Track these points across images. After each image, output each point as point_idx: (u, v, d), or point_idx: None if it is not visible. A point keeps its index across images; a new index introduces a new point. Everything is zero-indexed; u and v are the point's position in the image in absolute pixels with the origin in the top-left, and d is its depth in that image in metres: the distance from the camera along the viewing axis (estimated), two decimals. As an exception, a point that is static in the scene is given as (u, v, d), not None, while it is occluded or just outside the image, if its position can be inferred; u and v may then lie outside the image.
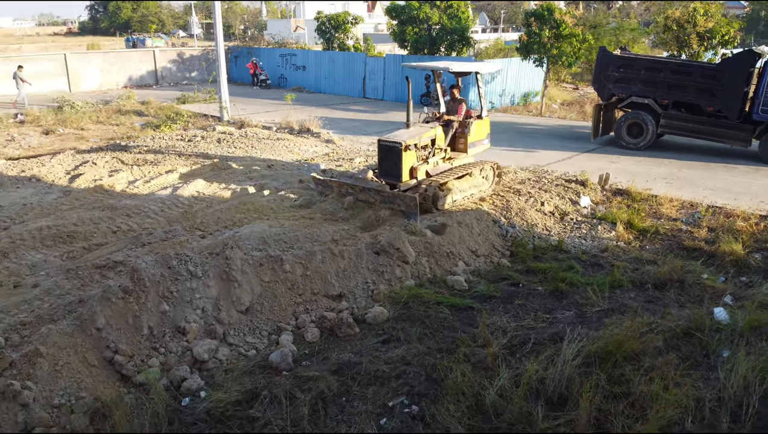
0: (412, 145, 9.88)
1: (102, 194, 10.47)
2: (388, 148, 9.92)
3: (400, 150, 9.69)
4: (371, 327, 6.89)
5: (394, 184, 9.99)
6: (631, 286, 8.07)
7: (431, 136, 10.38)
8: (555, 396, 5.45)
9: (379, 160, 10.29)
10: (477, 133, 11.12)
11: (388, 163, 10.03)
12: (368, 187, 9.93)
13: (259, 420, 5.09)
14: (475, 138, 11.11)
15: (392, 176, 10.01)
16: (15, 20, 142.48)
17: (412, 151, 9.94)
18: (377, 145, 10.19)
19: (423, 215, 9.59)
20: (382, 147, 10.02)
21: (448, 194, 10.16)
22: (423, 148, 10.29)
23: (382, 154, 10.07)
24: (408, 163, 9.90)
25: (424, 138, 10.21)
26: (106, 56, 31.26)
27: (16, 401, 5.05)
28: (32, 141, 16.99)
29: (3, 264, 7.63)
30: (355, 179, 10.52)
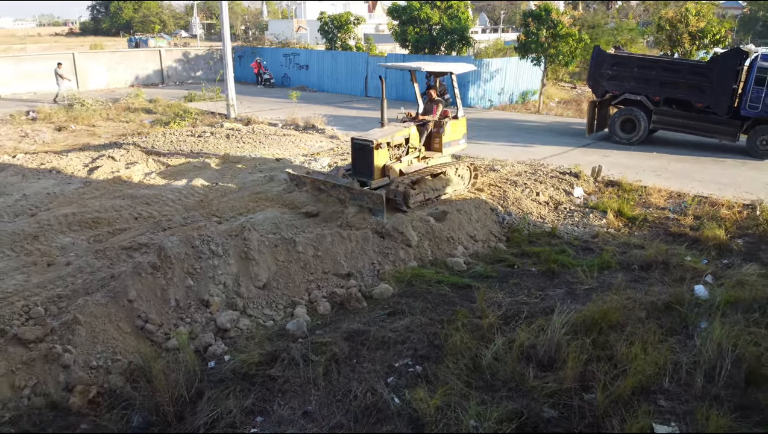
0: (384, 144, 9.90)
1: (120, 185, 11.08)
2: (360, 146, 9.95)
3: (371, 148, 9.70)
4: (378, 302, 7.48)
5: (366, 182, 9.94)
6: (619, 268, 8.65)
7: (405, 135, 10.41)
8: (545, 359, 6.02)
9: (352, 158, 10.34)
10: (452, 133, 11.14)
11: (360, 161, 10.05)
12: (338, 184, 9.89)
13: (279, 378, 5.67)
14: (450, 138, 11.12)
15: (364, 174, 10.00)
16: (15, 20, 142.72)
17: (384, 150, 9.95)
18: (350, 143, 10.26)
19: (395, 213, 9.58)
20: (355, 145, 10.08)
21: (420, 193, 10.21)
22: (396, 146, 10.32)
23: (355, 152, 10.12)
24: (380, 161, 9.91)
25: (397, 137, 10.23)
26: (113, 56, 31.87)
27: (58, 362, 5.65)
28: (46, 137, 17.58)
29: (34, 245, 8.23)
30: (326, 175, 10.51)
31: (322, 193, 10.21)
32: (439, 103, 11.20)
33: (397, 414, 5.15)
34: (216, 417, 5.07)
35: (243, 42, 51.28)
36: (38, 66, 28.00)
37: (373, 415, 5.16)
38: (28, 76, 27.50)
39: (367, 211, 9.49)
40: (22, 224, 8.95)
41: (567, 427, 5.10)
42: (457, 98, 11.36)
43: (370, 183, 9.84)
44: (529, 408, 5.22)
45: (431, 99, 11.28)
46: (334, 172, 10.70)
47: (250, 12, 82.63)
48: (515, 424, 5.01)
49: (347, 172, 10.45)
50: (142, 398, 5.25)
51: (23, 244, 8.25)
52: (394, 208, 9.77)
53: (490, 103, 25.22)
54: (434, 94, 11.33)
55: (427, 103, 11.42)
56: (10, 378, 5.47)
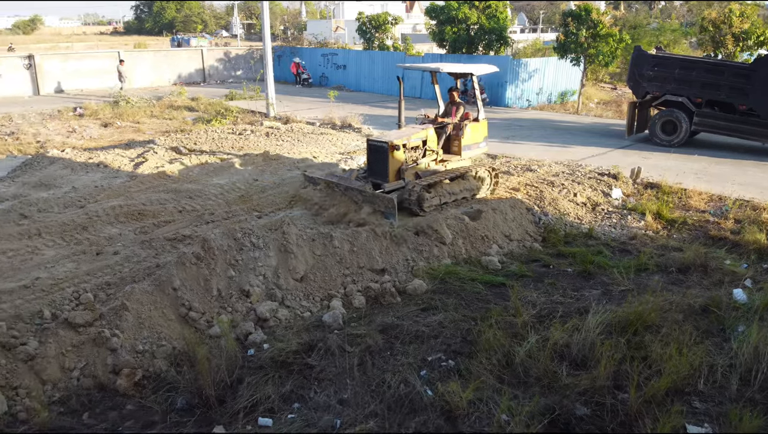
0: (400, 146, 9.76)
1: (165, 179, 11.47)
2: (375, 147, 9.84)
3: (386, 149, 9.58)
4: (411, 297, 7.60)
5: (380, 185, 9.79)
6: (656, 270, 8.57)
7: (422, 137, 10.25)
8: (578, 358, 6.05)
9: (367, 160, 10.26)
10: (472, 135, 10.91)
11: (375, 163, 9.94)
12: (351, 187, 9.79)
13: (315, 367, 5.84)
14: (470, 141, 10.87)
15: (379, 176, 9.87)
16: (61, 19, 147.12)
17: (400, 152, 9.81)
18: (366, 145, 10.16)
19: (410, 217, 9.49)
20: (370, 147, 9.97)
21: (436, 196, 10.05)
22: (413, 149, 10.19)
23: (370, 153, 10.00)
24: (395, 163, 9.78)
25: (413, 139, 10.08)
26: (156, 54, 32.76)
27: (106, 346, 5.92)
28: (93, 132, 18.22)
29: (84, 235, 8.61)
30: (340, 178, 10.31)
31: (336, 193, 10.06)
32: (461, 105, 11.00)
33: (429, 405, 5.25)
34: (255, 401, 5.26)
35: (282, 42, 52.02)
36: (84, 64, 29.03)
37: (406, 406, 5.27)
38: (74, 73, 28.51)
39: (380, 212, 9.41)
40: (71, 215, 9.36)
41: (599, 425, 5.12)
42: (478, 100, 11.18)
43: (384, 185, 9.66)
44: (561, 405, 5.26)
45: (452, 101, 11.13)
46: (348, 174, 10.54)
47: (289, 12, 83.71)
48: (547, 420, 5.06)
49: (362, 174, 10.34)
50: (185, 381, 5.48)
51: (73, 234, 8.64)
52: (409, 211, 9.64)
53: (528, 103, 25.10)
54: (456, 95, 11.15)
55: (447, 104, 11.26)
56: (60, 359, 5.77)
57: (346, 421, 5.06)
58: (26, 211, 9.57)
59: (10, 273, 7.33)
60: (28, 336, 5.89)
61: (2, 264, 7.62)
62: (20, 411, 5.27)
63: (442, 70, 10.75)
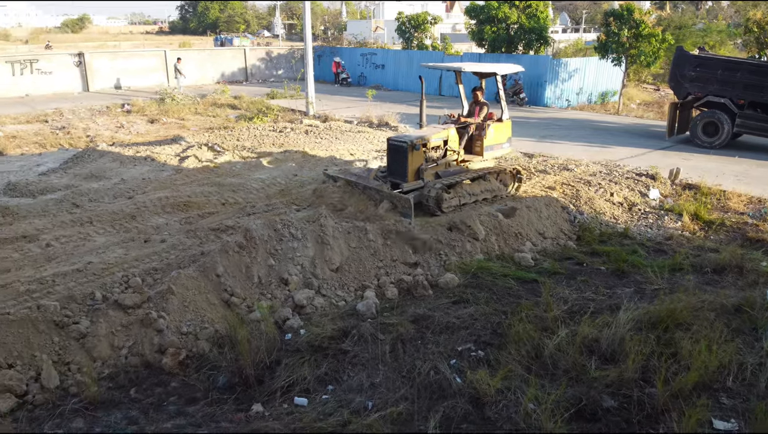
0: (419, 145, 9.66)
1: (209, 173, 11.91)
2: (395, 147, 9.76)
3: (406, 149, 9.51)
4: (443, 290, 7.77)
5: (399, 184, 9.71)
6: (691, 270, 8.53)
7: (443, 137, 10.12)
8: (608, 353, 6.13)
9: (387, 159, 10.16)
10: (496, 136, 10.72)
11: (395, 162, 9.87)
12: (369, 186, 9.75)
13: (349, 352, 6.08)
14: (493, 141, 10.69)
15: (398, 176, 9.79)
16: (109, 18, 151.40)
17: (420, 152, 9.71)
18: (386, 144, 10.08)
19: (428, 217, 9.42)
20: (390, 146, 9.88)
21: (456, 197, 9.89)
22: (433, 149, 10.07)
23: (390, 153, 9.92)
24: (414, 163, 9.68)
25: (434, 139, 9.96)
26: (201, 54, 33.62)
27: (153, 327, 6.27)
28: (140, 128, 18.92)
29: (132, 224, 9.07)
30: (358, 177, 10.28)
31: (355, 191, 9.99)
32: (485, 105, 10.87)
33: (458, 392, 5.42)
34: (292, 382, 5.53)
35: (322, 42, 52.66)
36: (132, 62, 30.01)
37: (436, 391, 5.46)
38: (122, 71, 29.49)
39: (398, 211, 9.32)
40: (120, 205, 9.84)
41: (625, 417, 5.21)
42: (502, 100, 11.02)
43: (403, 185, 9.58)
44: (588, 396, 5.37)
45: (476, 100, 10.97)
46: (366, 174, 10.47)
47: (329, 12, 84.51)
48: (573, 410, 5.18)
49: (382, 174, 10.27)
50: (226, 361, 5.79)
51: (122, 223, 9.10)
52: (428, 211, 9.53)
53: (568, 103, 24.92)
54: (480, 95, 10.96)
55: (471, 104, 11.13)
56: (110, 338, 6.14)
57: (377, 403, 5.27)
58: (78, 201, 10.10)
59: (64, 258, 7.79)
60: (80, 316, 6.28)
61: (56, 250, 8.09)
62: (71, 386, 5.64)
63: (464, 69, 10.69)
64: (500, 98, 10.96)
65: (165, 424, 5.17)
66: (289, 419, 5.00)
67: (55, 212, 9.55)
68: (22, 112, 21.20)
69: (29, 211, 9.54)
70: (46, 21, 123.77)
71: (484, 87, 11.25)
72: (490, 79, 11.67)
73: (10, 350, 5.72)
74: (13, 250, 8.04)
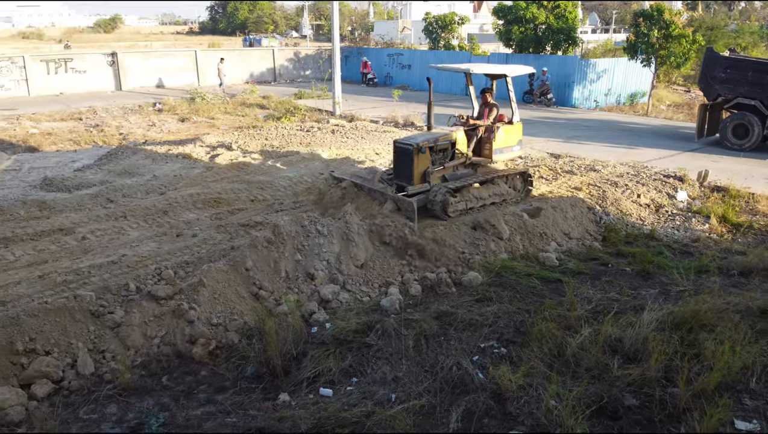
0: (426, 148, 9.46)
1: (238, 171, 12.18)
2: (401, 149, 9.58)
3: (411, 152, 9.33)
4: (466, 289, 7.85)
5: (404, 187, 9.52)
6: (717, 272, 8.47)
7: (450, 139, 9.91)
8: (631, 353, 6.14)
9: (393, 162, 9.99)
10: (505, 139, 10.41)
11: (401, 165, 9.69)
12: (373, 188, 9.62)
13: (373, 346, 6.21)
14: (502, 144, 10.39)
15: (404, 178, 9.61)
16: (140, 18, 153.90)
17: (426, 155, 9.50)
18: (393, 147, 9.90)
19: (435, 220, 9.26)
20: (396, 149, 9.70)
21: (462, 201, 9.67)
22: (440, 151, 9.84)
23: (396, 155, 9.74)
24: (420, 166, 9.48)
25: (441, 141, 9.75)
26: (230, 54, 34.10)
27: (184, 318, 6.48)
28: (171, 126, 19.33)
29: (164, 219, 9.34)
30: (363, 179, 10.07)
31: (361, 193, 9.83)
32: (494, 106, 10.58)
33: (480, 387, 5.51)
34: (317, 373, 5.68)
35: (349, 43, 52.93)
36: (163, 62, 30.62)
37: (458, 386, 5.55)
38: (154, 70, 30.10)
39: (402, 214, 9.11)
40: (153, 200, 10.12)
41: (647, 416, 5.24)
42: (513, 102, 10.73)
43: (408, 188, 9.40)
44: (610, 394, 5.40)
45: (485, 102, 10.69)
46: (371, 176, 10.26)
47: (357, 13, 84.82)
48: (594, 407, 5.23)
49: (388, 176, 10.13)
50: (255, 352, 5.96)
51: (155, 217, 9.38)
52: (433, 215, 9.35)
53: (596, 103, 24.74)
54: (489, 97, 10.68)
55: (481, 106, 10.85)
56: (143, 328, 6.36)
57: (400, 396, 5.39)
58: (112, 196, 10.41)
59: (99, 250, 8.07)
60: (115, 306, 6.52)
61: (92, 243, 8.38)
62: (106, 373, 5.87)
63: (472, 71, 10.48)
64: (511, 100, 10.72)
65: (195, 411, 5.35)
66: (314, 409, 5.14)
67: (91, 206, 9.88)
68: (56, 110, 21.82)
69: (65, 205, 9.87)
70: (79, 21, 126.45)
71: (495, 89, 11.06)
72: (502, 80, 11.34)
73: (47, 337, 5.96)
74: (50, 242, 8.35)
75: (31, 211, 9.53)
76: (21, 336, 5.82)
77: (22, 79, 26.61)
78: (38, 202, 9.88)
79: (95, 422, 5.27)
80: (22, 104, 23.59)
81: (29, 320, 5.95)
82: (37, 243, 8.29)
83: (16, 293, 6.75)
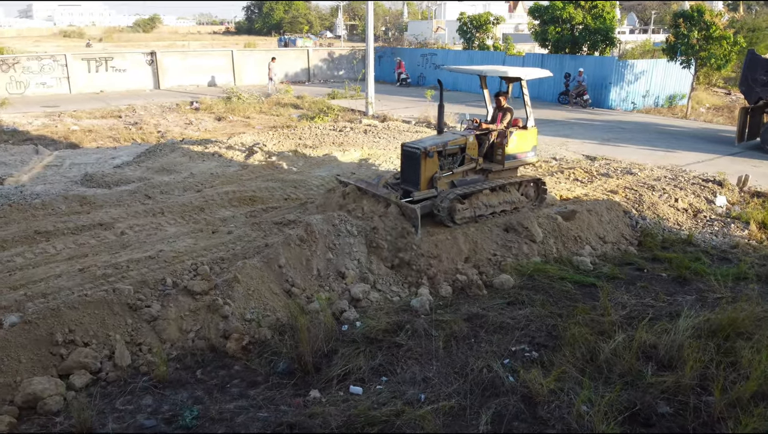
0: (434, 153, 9.08)
1: (273, 170, 12.35)
2: (409, 153, 9.24)
3: (419, 156, 8.98)
4: (498, 291, 7.82)
5: (410, 192, 9.17)
6: (756, 279, 8.27)
7: (460, 144, 9.50)
8: (665, 360, 6.05)
9: (401, 166, 9.65)
10: (519, 144, 9.97)
11: (408, 169, 9.36)
12: (377, 194, 9.19)
13: (403, 346, 6.24)
14: (515, 150, 9.95)
15: (411, 183, 9.27)
16: (178, 18, 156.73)
17: (434, 159, 9.13)
18: (400, 151, 9.59)
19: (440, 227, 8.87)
20: (404, 152, 9.38)
21: (470, 208, 9.22)
22: (450, 156, 9.46)
23: (404, 159, 9.43)
24: (428, 171, 9.13)
25: (450, 146, 9.37)
26: (267, 54, 34.49)
27: (219, 313, 6.60)
28: (207, 125, 19.67)
29: (201, 216, 9.53)
30: (368, 184, 9.63)
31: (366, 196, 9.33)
32: (508, 111, 10.17)
33: (510, 390, 5.49)
34: (348, 371, 5.73)
35: (383, 43, 53.04)
36: (201, 61, 31.17)
37: (488, 389, 5.54)
38: (192, 70, 30.66)
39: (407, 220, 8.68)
40: (190, 197, 10.33)
41: (680, 424, 5.15)
42: (527, 106, 10.24)
43: (414, 193, 9.06)
44: (643, 401, 5.33)
45: (499, 106, 10.27)
46: (375, 181, 9.93)
47: (390, 13, 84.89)
48: (627, 413, 5.16)
49: (396, 180, 9.80)
50: (287, 348, 6.04)
51: (191, 214, 9.57)
52: (440, 222, 8.95)
53: (633, 105, 24.33)
54: (503, 100, 10.27)
55: (495, 110, 10.44)
56: (179, 322, 6.49)
57: (429, 396, 5.41)
58: (150, 193, 10.65)
59: (137, 245, 8.27)
60: (152, 300, 6.66)
61: (130, 238, 8.59)
62: (142, 365, 6.01)
63: (485, 73, 10.15)
64: (525, 104, 10.26)
65: (228, 405, 5.46)
66: (344, 406, 5.19)
67: (129, 202, 10.12)
68: (97, 108, 22.42)
69: (105, 200, 10.14)
70: (118, 20, 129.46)
71: (510, 91, 10.67)
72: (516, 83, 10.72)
73: (86, 329, 6.13)
74: (90, 237, 8.59)
75: (72, 206, 9.82)
76: (61, 327, 6.00)
77: (64, 77, 27.40)
78: (79, 197, 10.17)
79: (131, 413, 5.41)
80: (64, 101, 24.29)
81: (69, 312, 6.13)
82: (77, 238, 8.53)
83: (57, 285, 6.95)
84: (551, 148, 15.88)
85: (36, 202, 9.89)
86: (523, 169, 11.16)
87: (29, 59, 27.04)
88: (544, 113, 22.45)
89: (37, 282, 7.07)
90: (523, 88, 10.21)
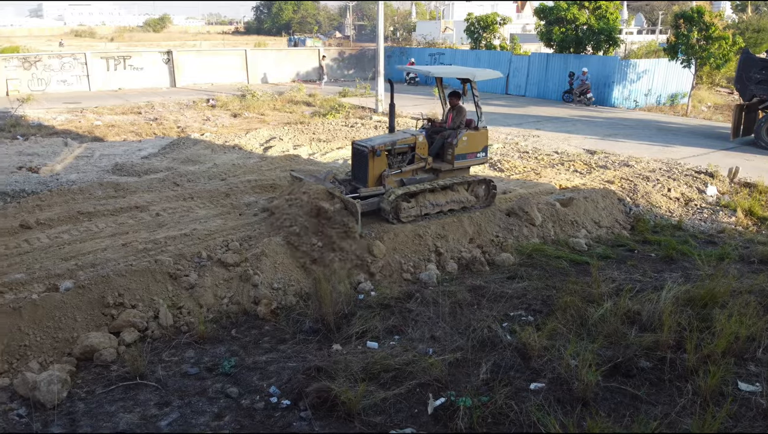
0: (381, 151, 9.21)
1: (290, 161, 13.15)
2: (358, 151, 9.44)
3: (367, 154, 9.16)
4: (499, 268, 8.60)
5: (357, 189, 9.31)
6: (738, 259, 8.99)
7: (409, 142, 9.58)
8: (648, 325, 6.78)
9: (351, 163, 9.90)
10: (469, 144, 9.91)
11: (357, 167, 9.56)
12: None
13: (413, 311, 7.02)
14: (465, 150, 9.88)
15: (360, 180, 9.46)
16: (187, 18, 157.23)
17: (382, 157, 9.26)
18: (351, 148, 9.80)
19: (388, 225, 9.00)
20: (354, 150, 9.59)
21: (416, 207, 9.31)
22: (399, 155, 9.54)
23: (354, 157, 9.63)
24: (376, 169, 9.25)
25: (400, 144, 9.47)
26: (278, 53, 35.43)
27: (250, 282, 7.42)
28: (224, 121, 20.50)
29: (227, 200, 10.36)
30: (317, 179, 9.79)
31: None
32: (461, 111, 10.15)
33: (508, 345, 6.26)
34: (365, 330, 6.53)
35: (392, 42, 53.78)
36: (214, 60, 32.04)
37: (488, 345, 6.32)
38: (205, 68, 31.52)
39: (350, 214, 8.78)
40: (215, 185, 11.15)
41: (658, 375, 5.89)
42: (478, 108, 10.10)
43: (361, 190, 9.20)
44: (625, 355, 6.08)
45: (453, 105, 10.24)
46: (323, 176, 10.04)
47: (399, 13, 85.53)
48: (611, 364, 5.91)
49: (348, 176, 10.00)
50: (311, 311, 6.85)
51: (219, 199, 10.39)
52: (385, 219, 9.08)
53: (636, 104, 25.00)
54: (456, 100, 10.19)
55: (448, 110, 10.46)
56: (214, 289, 7.31)
57: (436, 350, 6.19)
58: (178, 181, 11.48)
59: (172, 225, 9.10)
60: (189, 270, 7.49)
61: (165, 218, 9.42)
62: (183, 325, 6.83)
63: (432, 74, 10.30)
64: (476, 106, 10.11)
65: (261, 357, 6.27)
66: (362, 356, 5.98)
67: (160, 189, 10.95)
68: (117, 104, 23.31)
69: (137, 187, 10.97)
70: (129, 20, 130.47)
71: (467, 91, 10.43)
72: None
73: (133, 294, 6.95)
74: (128, 217, 9.42)
75: (108, 191, 10.65)
76: (111, 291, 6.84)
77: (84, 75, 28.33)
78: (113, 184, 11.00)
79: (176, 363, 6.22)
80: (84, 98, 25.21)
81: (118, 279, 6.97)
82: (116, 218, 9.37)
83: (104, 257, 7.78)
84: (554, 143, 16.61)
85: (74, 187, 10.72)
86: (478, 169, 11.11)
87: (50, 57, 28.01)
88: (548, 111, 23.17)
89: (85, 255, 7.91)
90: (473, 90, 10.08)
